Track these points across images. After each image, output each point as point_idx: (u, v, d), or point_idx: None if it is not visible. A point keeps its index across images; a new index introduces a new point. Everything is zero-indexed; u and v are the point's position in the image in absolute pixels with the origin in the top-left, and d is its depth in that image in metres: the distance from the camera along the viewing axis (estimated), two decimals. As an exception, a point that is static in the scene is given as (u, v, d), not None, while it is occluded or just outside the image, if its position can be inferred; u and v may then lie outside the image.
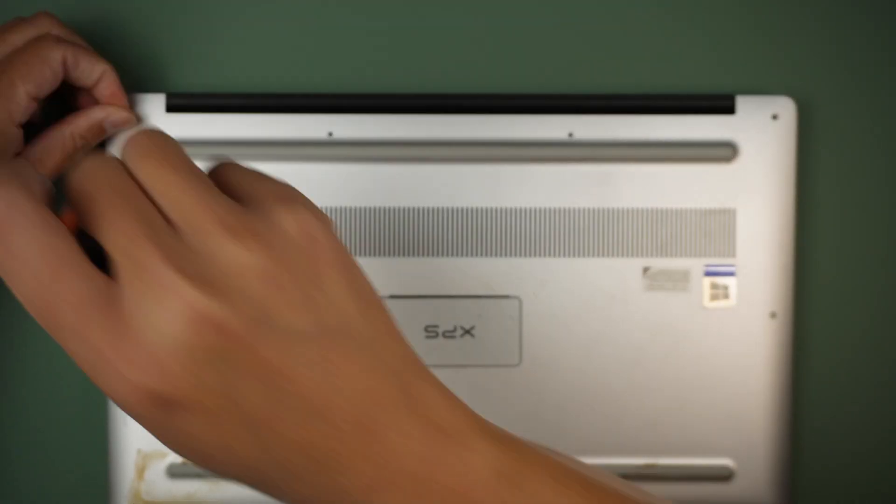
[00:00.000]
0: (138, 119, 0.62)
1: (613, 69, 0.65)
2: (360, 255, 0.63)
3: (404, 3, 0.65)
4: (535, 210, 0.63)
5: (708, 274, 0.64)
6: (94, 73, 0.59)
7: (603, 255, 0.63)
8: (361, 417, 0.36)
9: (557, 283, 0.64)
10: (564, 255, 0.64)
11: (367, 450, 0.36)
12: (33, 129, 0.60)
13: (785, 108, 0.63)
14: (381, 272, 0.63)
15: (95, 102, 0.60)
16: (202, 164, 0.63)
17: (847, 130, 0.65)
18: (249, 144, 0.63)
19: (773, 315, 0.64)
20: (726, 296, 0.64)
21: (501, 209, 0.63)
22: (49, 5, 0.65)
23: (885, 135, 0.65)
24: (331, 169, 0.63)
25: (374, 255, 0.63)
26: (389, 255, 0.63)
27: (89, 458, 0.66)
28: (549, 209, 0.63)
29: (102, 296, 0.35)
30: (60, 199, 0.62)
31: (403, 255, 0.64)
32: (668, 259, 0.64)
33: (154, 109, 0.63)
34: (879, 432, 0.66)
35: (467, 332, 0.64)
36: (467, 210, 0.63)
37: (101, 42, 0.65)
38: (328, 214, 0.64)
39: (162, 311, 0.34)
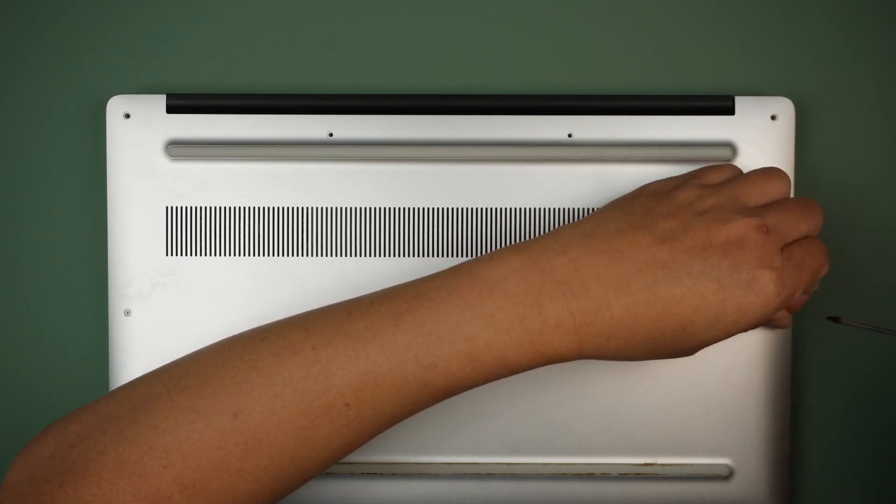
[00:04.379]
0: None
1: (613, 69, 0.65)
2: (360, 255, 0.63)
3: (404, 4, 0.65)
4: (535, 210, 0.63)
5: (707, 274, 0.64)
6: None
7: (603, 255, 0.64)
8: None
9: (557, 283, 0.64)
10: (564, 255, 0.64)
11: None
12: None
13: (783, 108, 0.63)
14: (381, 272, 0.63)
15: None
16: (202, 165, 0.63)
17: (845, 131, 0.66)
18: (249, 144, 0.63)
19: (771, 315, 0.64)
20: (725, 296, 0.64)
21: (501, 209, 0.63)
22: (49, 5, 0.65)
23: (882, 135, 0.66)
24: (331, 169, 0.63)
25: (375, 255, 0.63)
26: (389, 255, 0.64)
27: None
28: (549, 209, 0.63)
29: None
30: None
31: (403, 255, 0.64)
32: (667, 259, 0.64)
33: (154, 109, 0.63)
34: (878, 431, 0.66)
35: (467, 331, 0.64)
36: (467, 210, 0.63)
37: (101, 42, 0.65)
38: (328, 214, 0.64)
39: None
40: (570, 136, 0.63)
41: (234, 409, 0.52)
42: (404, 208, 0.63)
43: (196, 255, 0.63)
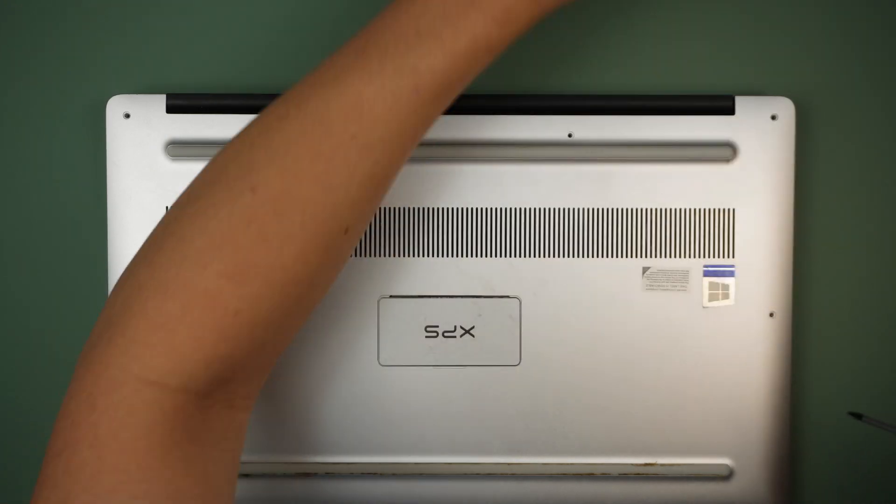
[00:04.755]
0: None
1: (613, 69, 0.65)
2: (360, 255, 0.63)
3: (404, 4, 0.65)
4: (535, 210, 0.63)
5: (707, 274, 0.64)
6: None
7: (602, 256, 0.64)
8: None
9: (557, 283, 0.64)
10: (564, 256, 0.64)
11: None
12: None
13: (784, 108, 0.63)
14: (381, 272, 0.64)
15: None
16: (202, 165, 0.63)
17: (845, 131, 0.66)
18: (249, 144, 0.63)
19: (771, 315, 0.64)
20: (725, 296, 0.64)
21: (501, 209, 0.63)
22: (49, 6, 0.65)
23: (883, 135, 0.66)
24: (331, 169, 0.63)
25: (375, 255, 0.63)
26: (389, 255, 0.64)
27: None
28: (549, 209, 0.63)
29: None
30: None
31: (403, 255, 0.64)
32: (667, 259, 0.64)
33: (154, 109, 0.63)
34: (878, 431, 0.66)
35: (467, 332, 0.64)
36: (467, 210, 0.63)
37: (101, 42, 0.65)
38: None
39: None
40: (570, 136, 0.63)
41: (249, 185, 0.52)
42: (404, 208, 0.63)
43: (196, 255, 0.63)
